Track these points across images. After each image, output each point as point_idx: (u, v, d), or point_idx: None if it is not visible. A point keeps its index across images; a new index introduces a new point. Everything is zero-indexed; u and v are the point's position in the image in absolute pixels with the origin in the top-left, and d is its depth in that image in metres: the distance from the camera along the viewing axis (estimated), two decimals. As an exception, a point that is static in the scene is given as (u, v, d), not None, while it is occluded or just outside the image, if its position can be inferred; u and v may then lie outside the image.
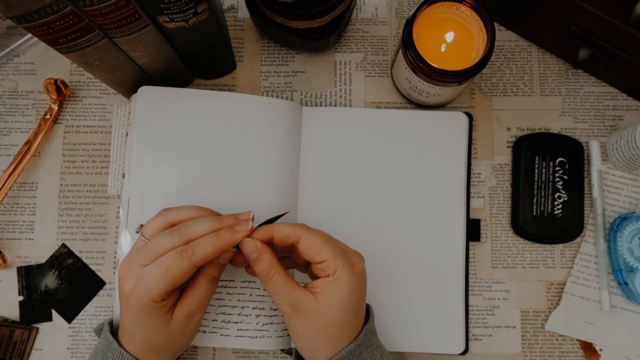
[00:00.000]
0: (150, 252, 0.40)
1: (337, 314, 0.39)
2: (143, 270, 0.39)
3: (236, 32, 0.57)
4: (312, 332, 0.40)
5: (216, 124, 0.50)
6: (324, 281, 0.39)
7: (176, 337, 0.42)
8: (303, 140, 0.52)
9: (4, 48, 0.55)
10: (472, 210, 0.54)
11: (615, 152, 0.52)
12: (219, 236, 0.39)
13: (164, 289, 0.39)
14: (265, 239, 0.41)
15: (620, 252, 0.51)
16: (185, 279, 0.40)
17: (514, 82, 0.56)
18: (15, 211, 0.54)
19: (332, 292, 0.39)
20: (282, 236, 0.40)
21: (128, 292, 0.39)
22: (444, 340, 0.51)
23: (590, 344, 0.52)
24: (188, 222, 0.41)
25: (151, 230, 0.42)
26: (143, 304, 0.39)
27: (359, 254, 0.42)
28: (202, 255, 0.39)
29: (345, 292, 0.39)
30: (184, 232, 0.40)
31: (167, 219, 0.42)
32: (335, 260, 0.39)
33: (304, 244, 0.40)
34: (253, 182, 0.50)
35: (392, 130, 0.53)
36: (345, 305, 0.39)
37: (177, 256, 0.39)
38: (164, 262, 0.39)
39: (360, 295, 0.40)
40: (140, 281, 0.39)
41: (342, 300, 0.39)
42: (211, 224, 0.40)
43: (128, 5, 0.39)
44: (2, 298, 0.52)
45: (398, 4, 0.57)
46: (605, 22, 0.46)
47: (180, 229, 0.40)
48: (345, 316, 0.39)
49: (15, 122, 0.55)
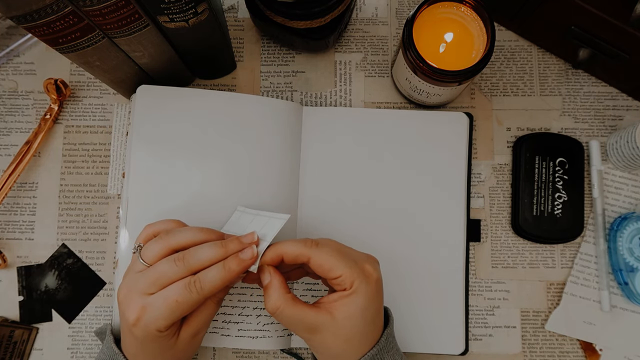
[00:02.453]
0: (154, 281, 0.39)
1: (357, 326, 0.38)
2: (148, 300, 0.38)
3: (236, 32, 0.57)
4: (334, 347, 0.39)
5: (216, 123, 0.50)
6: (340, 295, 0.38)
7: (181, 355, 0.42)
8: (303, 140, 0.52)
9: (4, 48, 0.55)
10: (472, 210, 0.54)
11: (615, 152, 0.52)
12: (226, 267, 0.39)
13: (172, 320, 0.38)
14: (275, 262, 0.40)
15: (620, 252, 0.51)
16: (193, 309, 0.40)
17: (514, 82, 0.56)
18: (15, 211, 0.54)
19: (349, 306, 0.38)
20: (292, 258, 0.39)
21: (132, 322, 0.38)
22: (444, 340, 0.51)
23: (590, 344, 0.52)
24: (192, 250, 0.39)
25: (152, 254, 0.40)
26: (148, 335, 0.38)
27: (372, 260, 0.41)
28: (210, 288, 0.38)
29: (363, 302, 0.38)
30: (189, 262, 0.39)
31: (169, 244, 0.40)
32: (351, 274, 0.38)
33: (316, 263, 0.39)
34: (253, 181, 0.50)
35: (392, 131, 0.53)
36: (364, 315, 0.38)
37: (186, 289, 0.38)
38: (172, 296, 0.38)
39: (378, 301, 0.40)
40: (147, 312, 0.38)
41: (360, 311, 0.38)
42: (216, 252, 0.39)
43: (128, 5, 0.39)
44: (2, 298, 0.52)
45: (398, 4, 0.57)
46: (605, 22, 0.46)
47: (185, 257, 0.39)
48: (365, 326, 0.39)
49: (15, 122, 0.55)
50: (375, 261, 0.41)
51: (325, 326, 0.38)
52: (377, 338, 0.40)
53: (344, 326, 0.38)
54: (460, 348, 0.51)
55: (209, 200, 0.49)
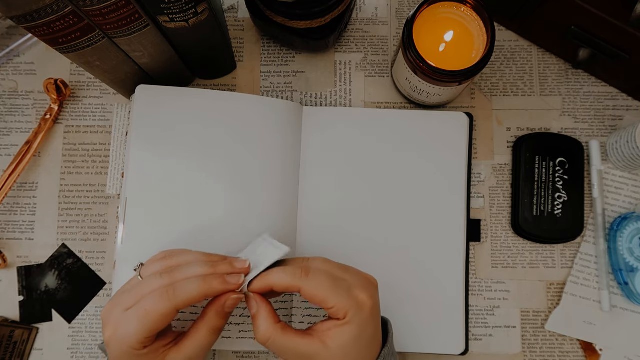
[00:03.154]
0: (136, 295, 0.37)
1: (350, 354, 0.37)
2: (123, 315, 0.37)
3: (236, 32, 0.57)
4: None
5: (216, 123, 0.50)
6: (334, 324, 0.37)
7: None
8: (303, 140, 0.52)
9: (4, 48, 0.55)
10: (472, 210, 0.54)
11: (615, 152, 0.52)
12: (206, 280, 0.37)
13: (143, 334, 0.36)
14: (264, 292, 0.39)
15: (620, 252, 0.51)
16: (167, 322, 0.37)
17: (514, 82, 0.56)
18: (15, 211, 0.54)
19: (342, 335, 0.37)
20: (282, 289, 0.38)
21: (107, 339, 0.37)
22: (444, 341, 0.51)
23: (590, 344, 0.52)
24: (181, 266, 0.39)
25: (149, 272, 0.39)
26: (124, 353, 0.37)
27: (368, 284, 0.39)
28: (184, 298, 0.36)
29: (356, 332, 0.37)
30: (175, 276, 0.38)
31: (168, 263, 0.40)
32: (344, 305, 0.37)
33: (307, 294, 0.37)
34: (253, 181, 0.50)
35: (392, 130, 0.53)
36: (358, 344, 0.37)
37: (157, 297, 0.36)
38: (142, 305, 0.36)
39: (374, 327, 0.39)
40: (119, 328, 0.37)
41: (354, 340, 0.37)
42: (205, 270, 0.38)
43: (128, 5, 0.39)
44: (2, 298, 0.52)
45: (398, 4, 0.57)
46: (605, 22, 0.46)
47: (172, 271, 0.38)
48: (358, 352, 0.38)
49: (15, 122, 0.55)
50: (372, 285, 0.40)
51: (318, 355, 0.37)
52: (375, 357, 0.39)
53: (337, 355, 0.37)
54: (460, 348, 0.51)
55: (208, 200, 0.49)
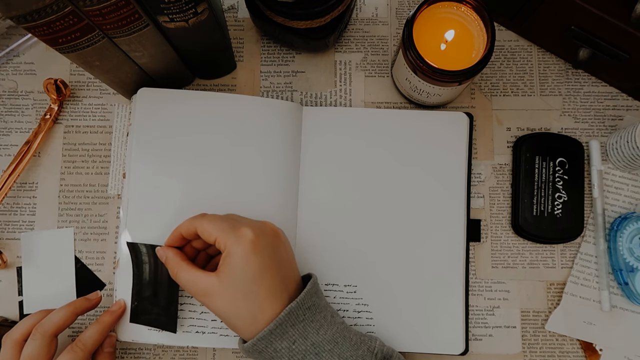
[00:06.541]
0: None
1: (237, 286, 0.40)
2: None
3: (236, 32, 0.57)
4: (223, 308, 0.40)
5: (216, 124, 0.50)
6: (222, 258, 0.41)
7: None
8: (303, 140, 0.52)
9: (4, 48, 0.55)
10: (472, 210, 0.54)
11: (615, 152, 0.52)
12: (101, 321, 0.45)
13: None
14: (178, 242, 0.44)
15: (620, 252, 0.51)
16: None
17: (514, 82, 0.56)
18: (15, 211, 0.54)
19: (226, 267, 0.40)
20: (187, 230, 0.43)
21: None
22: (444, 341, 0.51)
23: (590, 344, 0.52)
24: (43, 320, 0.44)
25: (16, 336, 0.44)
26: None
27: (258, 225, 0.42)
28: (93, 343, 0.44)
29: (239, 262, 0.40)
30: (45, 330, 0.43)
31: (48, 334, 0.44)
32: (223, 237, 0.40)
33: (201, 231, 0.41)
34: (253, 181, 0.50)
35: (392, 131, 0.53)
36: (244, 275, 0.40)
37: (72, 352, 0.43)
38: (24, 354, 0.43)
39: (261, 260, 0.40)
40: None
41: (238, 272, 0.40)
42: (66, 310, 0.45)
43: (128, 5, 0.39)
44: (2, 298, 0.52)
45: (398, 4, 0.57)
46: (605, 22, 0.46)
47: (38, 329, 0.43)
48: (248, 286, 0.40)
49: (15, 122, 0.55)
50: (263, 226, 0.42)
51: (214, 288, 0.40)
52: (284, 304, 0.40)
53: (226, 288, 0.40)
54: (460, 348, 0.51)
55: (209, 200, 0.49)
